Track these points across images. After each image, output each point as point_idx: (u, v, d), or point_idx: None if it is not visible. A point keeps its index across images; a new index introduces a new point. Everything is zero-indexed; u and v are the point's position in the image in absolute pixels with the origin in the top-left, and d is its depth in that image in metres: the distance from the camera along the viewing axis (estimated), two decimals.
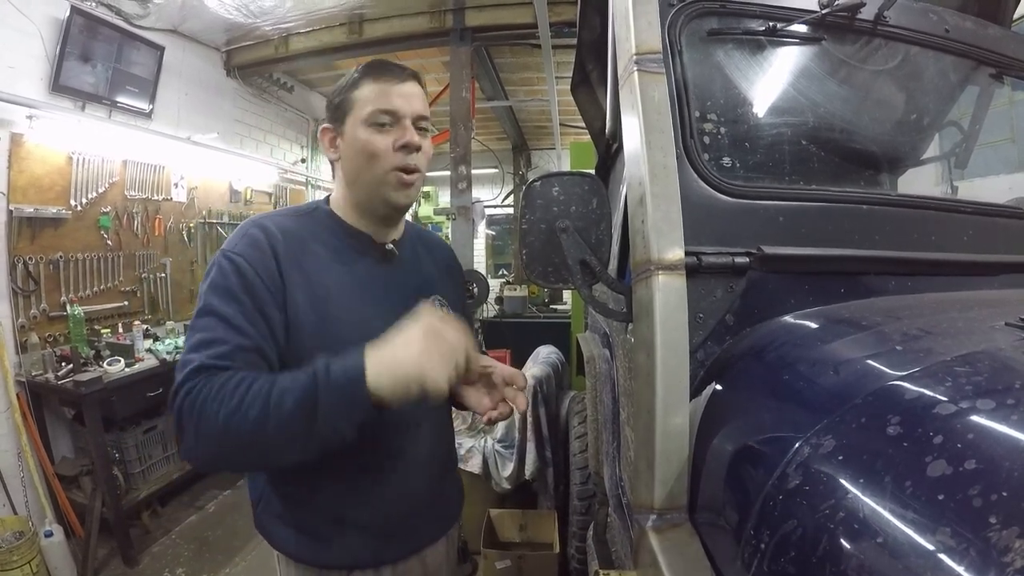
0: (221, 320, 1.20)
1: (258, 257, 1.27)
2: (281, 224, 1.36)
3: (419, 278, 1.54)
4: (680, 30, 1.38)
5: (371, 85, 1.35)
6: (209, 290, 1.24)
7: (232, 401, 1.07)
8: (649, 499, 1.01)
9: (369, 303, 1.38)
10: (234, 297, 1.22)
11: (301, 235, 1.37)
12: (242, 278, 1.24)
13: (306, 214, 1.45)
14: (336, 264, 1.38)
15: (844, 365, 0.89)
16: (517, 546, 3.69)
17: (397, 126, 1.35)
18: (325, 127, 1.43)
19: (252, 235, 1.31)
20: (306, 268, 1.32)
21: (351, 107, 1.36)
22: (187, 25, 5.32)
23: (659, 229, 1.03)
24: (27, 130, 4.00)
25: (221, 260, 1.27)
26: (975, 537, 0.52)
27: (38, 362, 3.98)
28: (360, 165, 1.37)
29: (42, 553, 3.58)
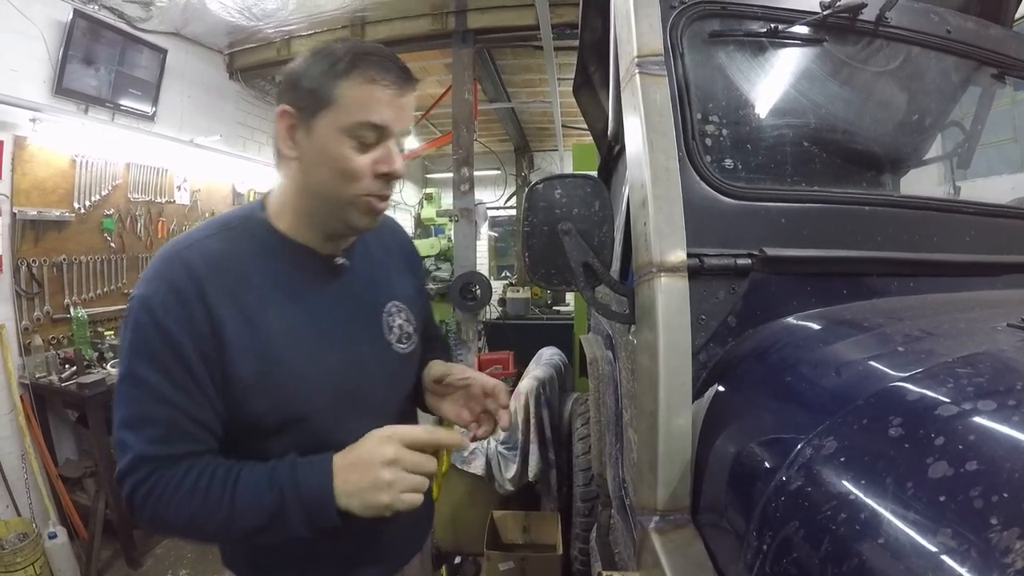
0: (150, 391, 1.04)
1: (181, 310, 1.05)
2: (208, 252, 1.11)
3: (372, 286, 1.33)
4: (682, 32, 1.39)
5: (363, 86, 1.07)
6: (131, 351, 1.07)
7: (189, 507, 1.03)
8: (652, 500, 1.01)
9: (321, 341, 1.19)
10: (159, 362, 1.04)
11: (233, 262, 1.13)
12: (166, 337, 1.04)
13: (237, 227, 1.19)
14: (278, 294, 1.15)
15: (846, 366, 0.90)
16: (520, 547, 3.68)
17: (382, 146, 1.11)
18: (285, 110, 1.12)
19: (171, 277, 1.07)
20: (243, 306, 1.10)
21: (330, 102, 1.07)
22: (189, 28, 5.33)
23: (661, 231, 1.04)
24: (30, 133, 4.00)
25: (139, 314, 1.06)
26: (976, 538, 0.52)
27: (42, 364, 3.98)
28: (326, 179, 1.11)
29: (46, 555, 3.59)
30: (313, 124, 1.09)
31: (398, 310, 1.35)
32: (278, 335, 1.12)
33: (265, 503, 1.03)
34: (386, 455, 1.04)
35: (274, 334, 1.12)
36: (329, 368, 1.18)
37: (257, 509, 1.03)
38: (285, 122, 1.12)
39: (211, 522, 1.04)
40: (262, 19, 5.33)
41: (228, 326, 1.07)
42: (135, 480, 1.04)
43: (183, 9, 4.87)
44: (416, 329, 1.38)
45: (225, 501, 1.02)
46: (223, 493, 1.03)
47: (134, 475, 1.04)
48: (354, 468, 1.04)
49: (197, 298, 1.06)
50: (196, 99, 5.72)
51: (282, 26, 5.57)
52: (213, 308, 1.06)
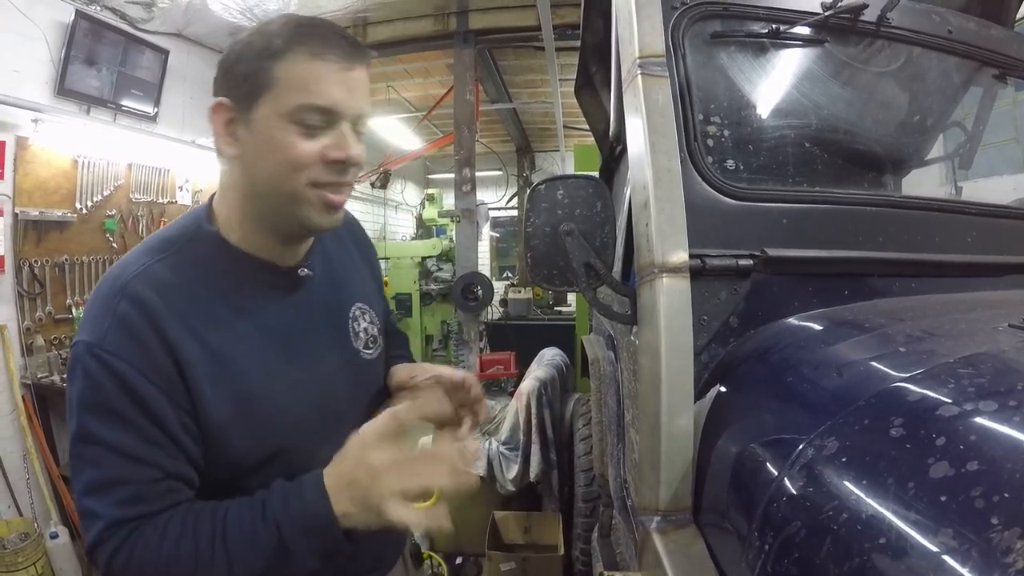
0: (111, 451, 0.90)
1: (140, 354, 0.91)
2: (157, 281, 0.96)
3: (335, 291, 1.22)
4: (683, 33, 1.39)
5: (304, 63, 0.93)
6: (82, 408, 0.91)
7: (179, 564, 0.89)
8: (654, 501, 1.01)
9: (292, 366, 1.08)
10: (121, 418, 0.90)
11: (186, 289, 0.98)
12: (123, 386, 0.89)
13: (185, 246, 1.02)
14: (241, 322, 1.02)
15: (847, 367, 0.90)
16: (521, 548, 3.69)
17: (332, 129, 0.96)
18: (220, 103, 0.97)
19: (123, 316, 0.92)
20: (206, 340, 0.97)
21: (267, 87, 0.93)
22: (191, 29, 5.33)
23: (663, 232, 1.04)
24: (32, 133, 4.01)
25: (88, 363, 0.90)
26: (977, 538, 0.53)
27: (43, 364, 3.99)
28: (271, 173, 0.97)
29: (47, 554, 3.59)
30: (252, 116, 0.95)
31: (362, 313, 1.25)
32: (249, 368, 1.01)
33: (261, 542, 0.90)
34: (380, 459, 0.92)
35: (245, 368, 1.00)
36: (307, 393, 1.08)
37: (254, 550, 0.90)
38: (221, 116, 0.97)
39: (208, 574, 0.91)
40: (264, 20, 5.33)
41: (194, 365, 0.94)
42: (109, 551, 0.90)
43: (185, 10, 4.88)
44: (380, 331, 1.30)
45: (217, 549, 0.90)
46: (213, 540, 0.90)
47: (107, 546, 0.90)
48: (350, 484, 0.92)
49: (155, 337, 0.92)
50: (198, 100, 5.71)
51: None
52: (175, 346, 0.93)
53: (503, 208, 10.60)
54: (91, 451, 0.90)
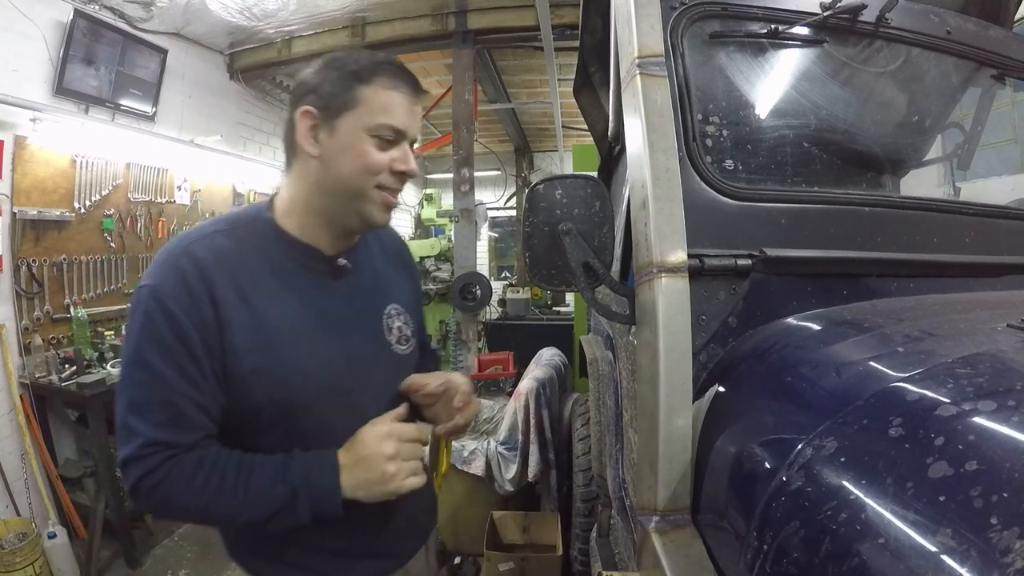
0: (156, 377, 1.08)
1: (188, 301, 1.10)
2: (216, 247, 1.17)
3: (374, 288, 1.39)
4: (682, 33, 1.39)
5: (387, 91, 1.17)
6: (140, 336, 1.10)
7: (202, 498, 1.09)
8: (652, 501, 1.01)
9: (321, 337, 1.24)
10: (168, 349, 1.08)
11: (240, 258, 1.18)
12: (174, 326, 1.08)
13: (246, 225, 1.24)
14: (282, 291, 1.21)
15: (846, 367, 0.90)
16: (520, 548, 3.68)
17: (398, 146, 1.20)
18: (308, 110, 1.18)
19: (182, 269, 1.11)
20: (247, 300, 1.15)
21: (354, 104, 1.16)
22: (190, 28, 5.33)
23: (662, 232, 1.04)
24: (31, 133, 4.01)
25: (148, 302, 1.09)
26: (976, 538, 0.53)
27: (42, 364, 3.98)
28: (348, 173, 1.18)
29: (45, 555, 3.58)
30: (336, 124, 1.16)
31: (397, 313, 1.40)
32: (280, 329, 1.17)
33: (276, 497, 1.10)
34: (387, 452, 1.15)
35: (276, 328, 1.17)
36: (327, 361, 1.23)
37: (268, 501, 1.10)
38: (307, 122, 1.18)
39: (222, 509, 1.11)
40: (263, 19, 5.34)
41: (233, 320, 1.12)
42: (143, 469, 1.07)
43: (184, 9, 4.87)
44: (414, 333, 1.44)
45: (239, 491, 1.09)
46: (236, 484, 1.09)
47: (142, 463, 1.07)
48: (359, 466, 1.14)
49: (204, 291, 1.10)
50: (196, 99, 5.72)
51: (283, 26, 5.57)
52: (219, 301, 1.11)
53: (502, 208, 10.60)
54: (139, 374, 1.09)
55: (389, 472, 1.14)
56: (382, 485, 1.14)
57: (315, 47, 5.86)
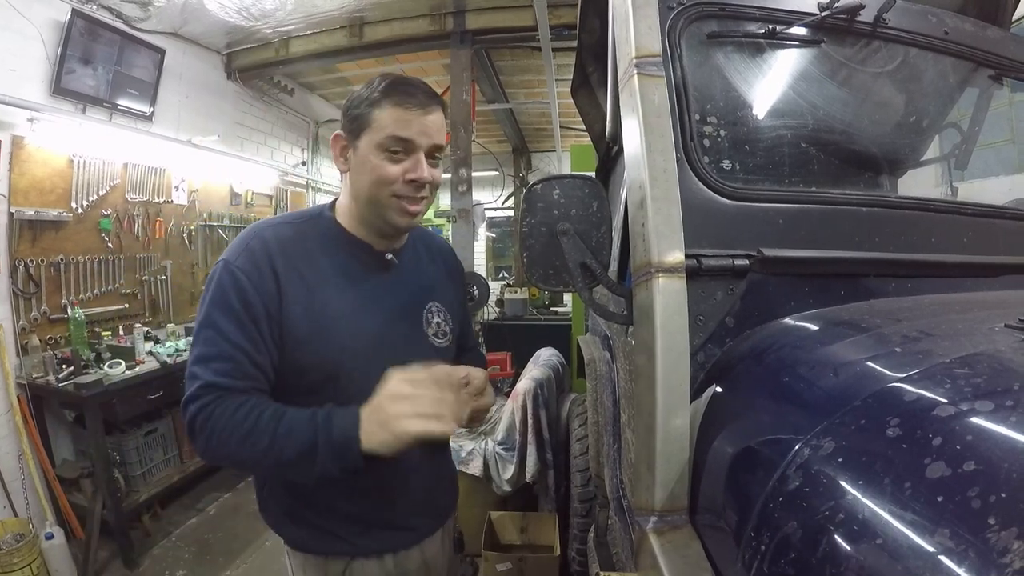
0: (221, 335, 1.27)
1: (256, 274, 1.31)
2: (281, 234, 1.39)
3: (417, 286, 1.55)
4: (680, 33, 1.39)
5: (391, 109, 1.31)
6: (211, 303, 1.30)
7: (240, 431, 1.21)
8: (650, 501, 1.01)
9: (366, 316, 1.41)
10: (234, 313, 1.28)
11: (301, 244, 1.39)
12: (241, 294, 1.29)
13: (309, 220, 1.46)
14: (335, 276, 1.40)
15: (844, 367, 0.90)
16: (518, 548, 3.69)
17: (410, 157, 1.34)
18: (338, 135, 1.41)
19: (252, 248, 1.34)
20: (305, 279, 1.36)
21: (368, 125, 1.33)
22: (188, 28, 5.32)
23: (659, 232, 1.03)
24: (28, 133, 4.00)
25: (222, 274, 1.32)
26: (974, 538, 0.53)
27: (39, 364, 3.97)
28: (366, 185, 1.36)
29: (43, 555, 3.58)
30: (357, 144, 1.36)
31: (438, 310, 1.57)
32: (330, 305, 1.36)
33: (301, 437, 1.20)
34: (396, 391, 1.20)
35: (327, 304, 1.36)
36: (369, 336, 1.39)
37: (294, 442, 1.20)
38: (339, 144, 1.41)
39: (256, 447, 1.20)
40: (260, 19, 5.33)
41: (290, 293, 1.33)
42: (199, 405, 1.23)
43: (181, 9, 4.87)
44: (452, 330, 1.60)
45: (270, 430, 1.20)
46: (270, 423, 1.21)
47: (199, 400, 1.24)
48: (374, 411, 1.20)
49: (269, 268, 1.32)
50: (194, 99, 5.72)
51: (280, 26, 5.57)
52: (281, 278, 1.32)
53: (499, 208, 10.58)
54: (208, 333, 1.29)
55: (394, 412, 1.18)
56: (389, 425, 1.17)
57: (313, 47, 5.86)
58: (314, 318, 1.34)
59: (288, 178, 7.62)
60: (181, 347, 4.75)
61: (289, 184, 7.66)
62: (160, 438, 4.63)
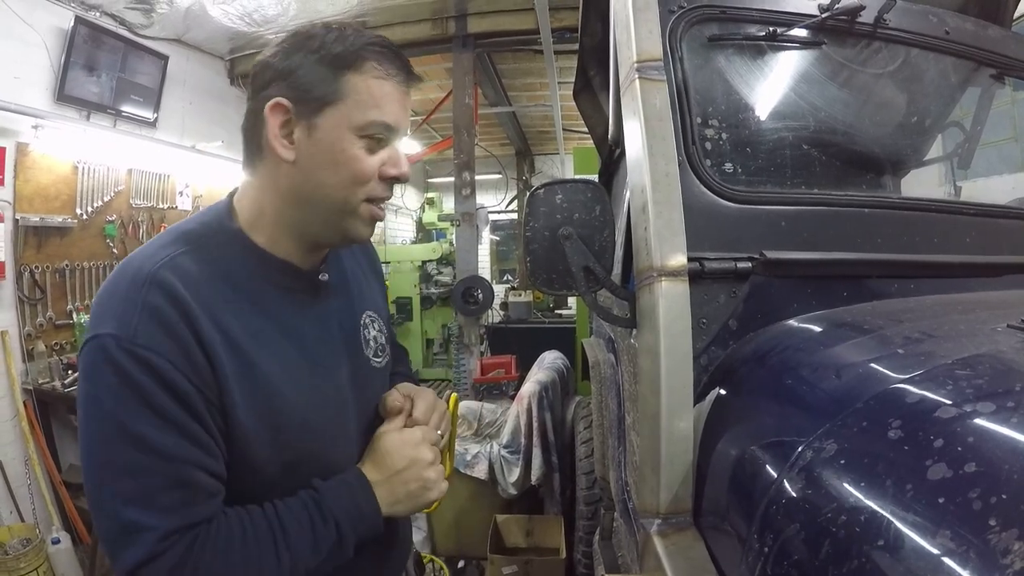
0: (154, 453, 0.83)
1: (175, 347, 0.85)
2: (184, 272, 0.90)
3: (350, 299, 1.19)
4: (681, 36, 1.39)
5: (378, 81, 0.96)
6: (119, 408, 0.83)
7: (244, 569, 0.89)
8: (654, 503, 1.01)
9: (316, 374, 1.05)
10: (160, 415, 0.84)
11: (211, 283, 0.93)
12: (162, 382, 0.84)
13: (207, 240, 0.98)
14: (267, 325, 0.98)
15: (846, 369, 0.90)
16: (524, 551, 3.68)
17: (388, 147, 0.99)
18: (279, 103, 0.94)
19: (154, 307, 0.85)
20: (233, 340, 0.92)
21: (339, 97, 0.94)
22: (191, 34, 5.34)
23: (662, 235, 1.04)
24: (33, 139, 4.02)
25: (120, 358, 0.83)
26: (975, 539, 0.53)
27: (45, 370, 3.99)
28: (331, 183, 0.97)
29: (49, 560, 3.59)
30: (316, 121, 0.94)
31: (371, 320, 1.23)
32: (273, 374, 0.96)
33: (322, 537, 0.94)
34: (428, 458, 1.07)
35: (269, 373, 0.95)
36: (324, 402, 1.05)
37: (315, 546, 0.94)
38: (279, 117, 0.95)
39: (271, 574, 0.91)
40: (263, 25, 5.35)
41: (224, 365, 0.90)
42: (167, 566, 0.82)
43: (184, 16, 4.89)
44: (387, 339, 1.29)
45: (281, 551, 0.91)
46: (275, 543, 0.91)
47: (163, 560, 0.82)
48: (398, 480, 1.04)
49: (188, 330, 0.87)
50: (198, 105, 5.74)
51: (283, 32, 5.57)
52: (206, 342, 0.88)
53: (503, 211, 10.61)
54: (128, 454, 0.83)
55: (432, 479, 1.06)
56: (426, 494, 1.06)
57: None
58: (261, 400, 0.94)
59: None
60: None
61: None
62: None
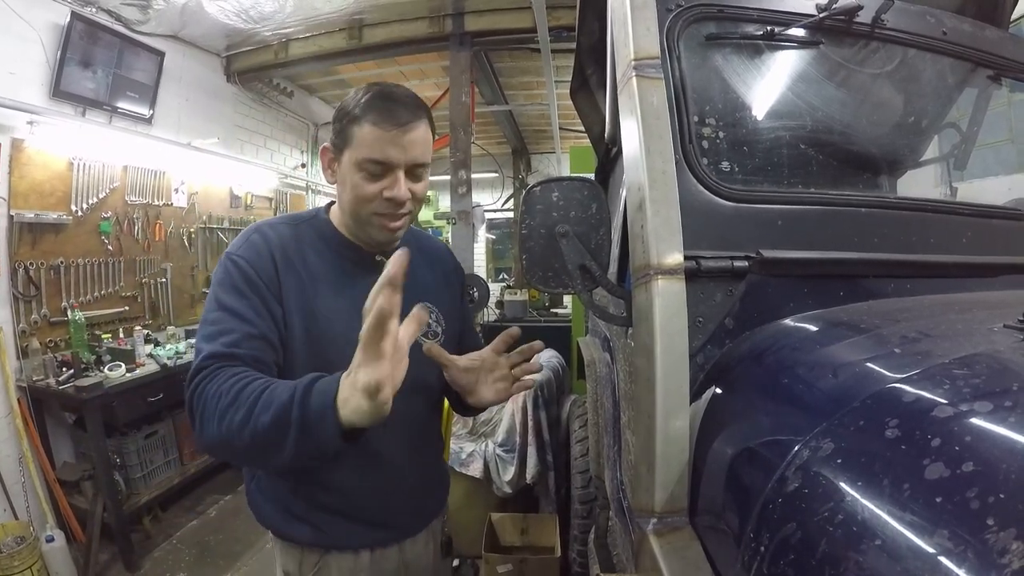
0: (228, 312, 1.29)
1: (259, 261, 1.35)
2: (280, 231, 1.44)
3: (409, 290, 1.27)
4: (678, 35, 1.39)
5: (370, 128, 1.30)
6: (216, 287, 1.34)
7: (226, 399, 1.13)
8: (650, 502, 1.01)
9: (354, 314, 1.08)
10: (239, 292, 1.31)
11: (298, 242, 1.43)
12: (246, 277, 1.33)
13: (305, 221, 1.50)
14: (326, 273, 1.43)
15: (843, 368, 0.90)
16: (518, 550, 3.68)
17: (390, 175, 1.34)
18: (326, 147, 1.43)
19: (254, 240, 1.39)
20: (301, 276, 1.39)
21: (349, 142, 1.34)
22: (187, 31, 5.33)
23: (658, 234, 1.03)
24: (28, 136, 4.00)
25: (227, 262, 1.36)
26: (973, 539, 0.53)
27: (39, 367, 3.97)
28: (348, 201, 1.39)
29: (43, 558, 3.58)
30: (341, 158, 1.37)
31: (429, 311, 1.54)
32: (322, 304, 1.39)
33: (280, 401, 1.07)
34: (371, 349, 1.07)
35: (319, 303, 1.39)
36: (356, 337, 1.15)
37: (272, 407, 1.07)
38: (326, 156, 1.43)
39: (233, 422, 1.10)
40: (259, 22, 5.34)
41: (288, 287, 1.37)
42: (200, 376, 1.20)
43: (181, 12, 4.87)
44: (444, 331, 1.59)
45: (251, 397, 1.11)
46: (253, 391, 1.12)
47: (201, 372, 1.20)
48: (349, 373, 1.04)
49: (270, 257, 1.37)
50: (194, 102, 5.72)
51: (279, 29, 5.57)
52: (279, 267, 1.37)
53: (499, 210, 10.59)
54: (216, 315, 1.30)
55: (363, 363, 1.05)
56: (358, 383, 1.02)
57: (312, 49, 5.87)
58: (307, 316, 1.37)
59: (288, 180, 7.61)
60: (181, 349, 4.76)
61: (289, 186, 7.66)
62: (160, 440, 4.62)
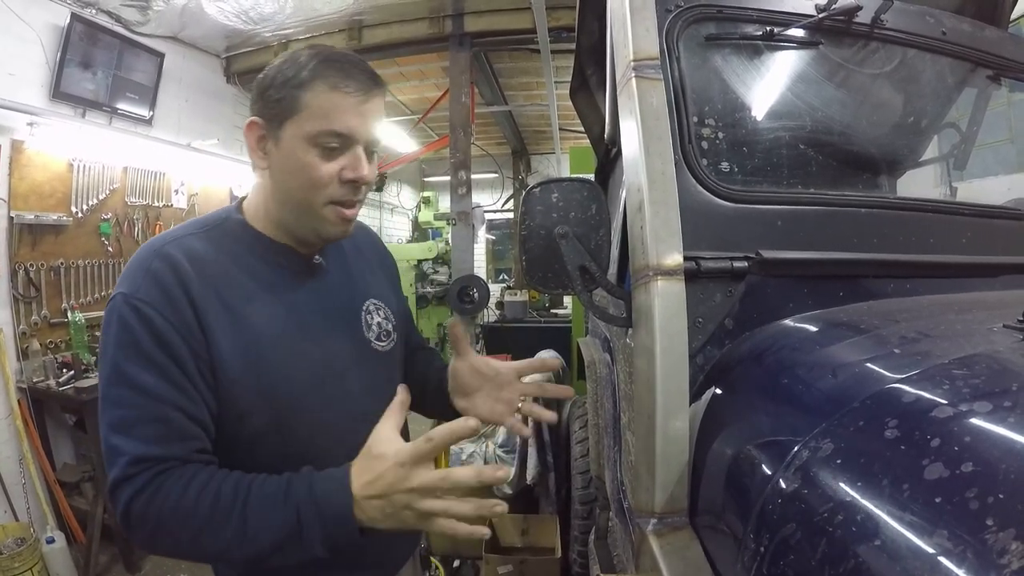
0: (139, 390, 0.99)
1: (167, 304, 1.03)
2: (189, 249, 1.10)
3: (349, 285, 1.32)
4: (678, 36, 1.39)
5: (326, 93, 1.07)
6: (116, 350, 1.02)
7: (195, 520, 0.95)
8: (650, 503, 1.01)
9: (303, 335, 1.17)
10: (149, 359, 1.00)
11: (215, 259, 1.12)
12: (154, 333, 1.01)
13: (216, 227, 1.18)
14: (259, 292, 1.15)
15: (842, 368, 0.90)
16: (519, 551, 3.68)
17: (348, 152, 1.10)
18: (253, 122, 1.13)
19: (156, 272, 1.05)
20: (226, 303, 1.09)
21: (294, 110, 1.07)
22: (187, 32, 5.33)
23: (658, 235, 1.03)
24: (28, 137, 4.00)
25: (123, 310, 1.02)
26: (972, 539, 0.53)
27: (39, 368, 3.97)
28: (293, 188, 1.12)
29: (44, 559, 3.58)
30: (280, 134, 1.10)
31: (376, 308, 1.35)
32: (261, 331, 1.11)
33: (279, 520, 0.95)
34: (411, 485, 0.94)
35: (258, 330, 1.11)
36: (312, 360, 1.16)
37: (271, 526, 0.95)
38: (254, 133, 1.13)
39: (218, 538, 0.96)
40: (259, 23, 5.33)
41: (214, 323, 1.06)
42: (133, 489, 0.96)
43: (180, 13, 4.87)
44: (395, 328, 1.38)
45: (235, 515, 0.95)
46: (233, 505, 0.96)
47: (131, 483, 0.96)
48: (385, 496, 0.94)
49: (182, 293, 1.04)
50: (193, 103, 5.72)
51: (279, 30, 5.57)
52: (198, 304, 1.05)
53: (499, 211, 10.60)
54: (119, 391, 1.00)
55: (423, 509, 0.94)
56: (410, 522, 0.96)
57: None
58: (245, 350, 1.09)
59: None
60: None
61: None
62: None
